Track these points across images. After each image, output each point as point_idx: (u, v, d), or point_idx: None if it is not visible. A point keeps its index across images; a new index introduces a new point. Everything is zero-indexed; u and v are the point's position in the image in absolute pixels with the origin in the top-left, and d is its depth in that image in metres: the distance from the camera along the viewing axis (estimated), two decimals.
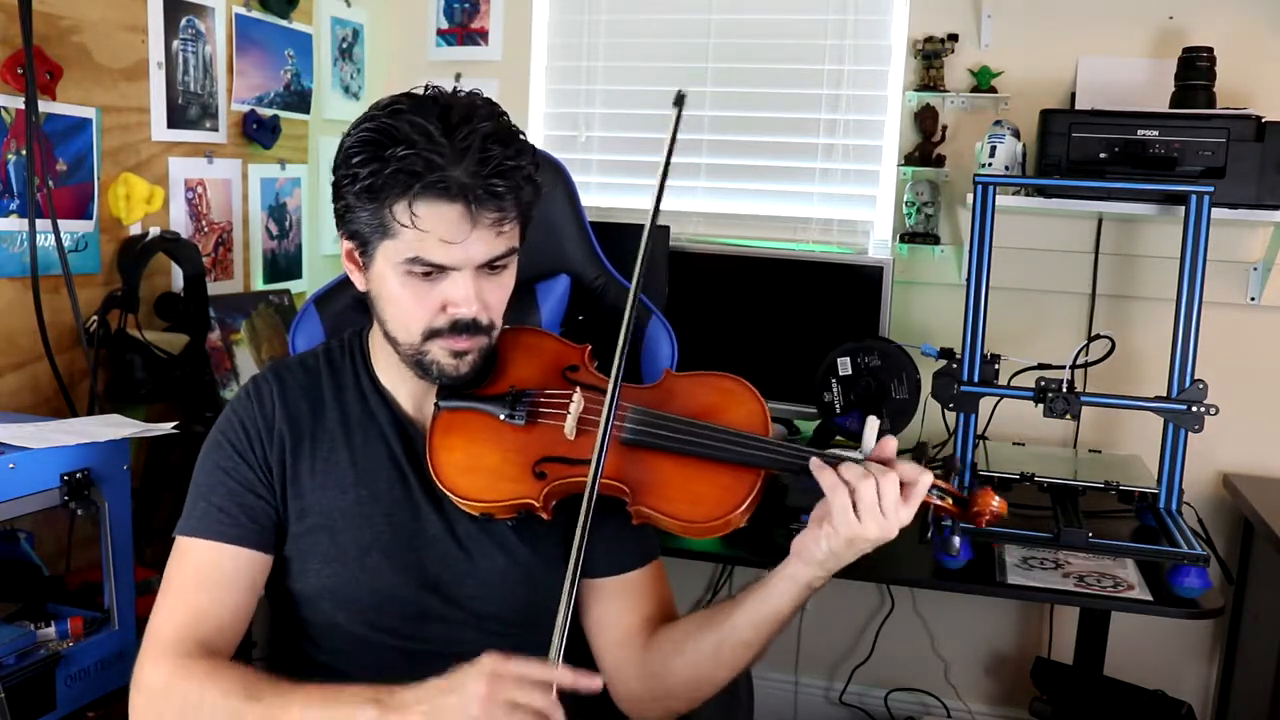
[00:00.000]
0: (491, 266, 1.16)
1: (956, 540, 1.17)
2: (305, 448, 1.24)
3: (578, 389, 1.22)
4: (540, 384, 1.26)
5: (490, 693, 0.95)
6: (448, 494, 1.20)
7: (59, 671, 1.48)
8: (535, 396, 1.24)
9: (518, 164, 1.13)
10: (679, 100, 1.22)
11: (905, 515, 1.09)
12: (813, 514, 1.15)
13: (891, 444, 1.13)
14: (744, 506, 1.16)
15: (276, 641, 1.31)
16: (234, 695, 1.06)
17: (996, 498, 1.15)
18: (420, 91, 1.16)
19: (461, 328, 1.16)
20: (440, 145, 1.09)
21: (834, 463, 1.12)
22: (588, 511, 1.10)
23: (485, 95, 1.18)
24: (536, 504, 1.18)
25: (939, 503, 1.15)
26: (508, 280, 1.21)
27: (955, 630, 2.70)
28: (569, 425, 1.20)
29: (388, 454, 1.25)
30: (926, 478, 1.10)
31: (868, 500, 1.08)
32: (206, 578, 1.18)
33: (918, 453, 1.19)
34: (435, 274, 1.14)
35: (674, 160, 1.22)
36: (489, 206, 1.11)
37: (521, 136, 1.16)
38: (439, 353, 1.18)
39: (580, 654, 1.30)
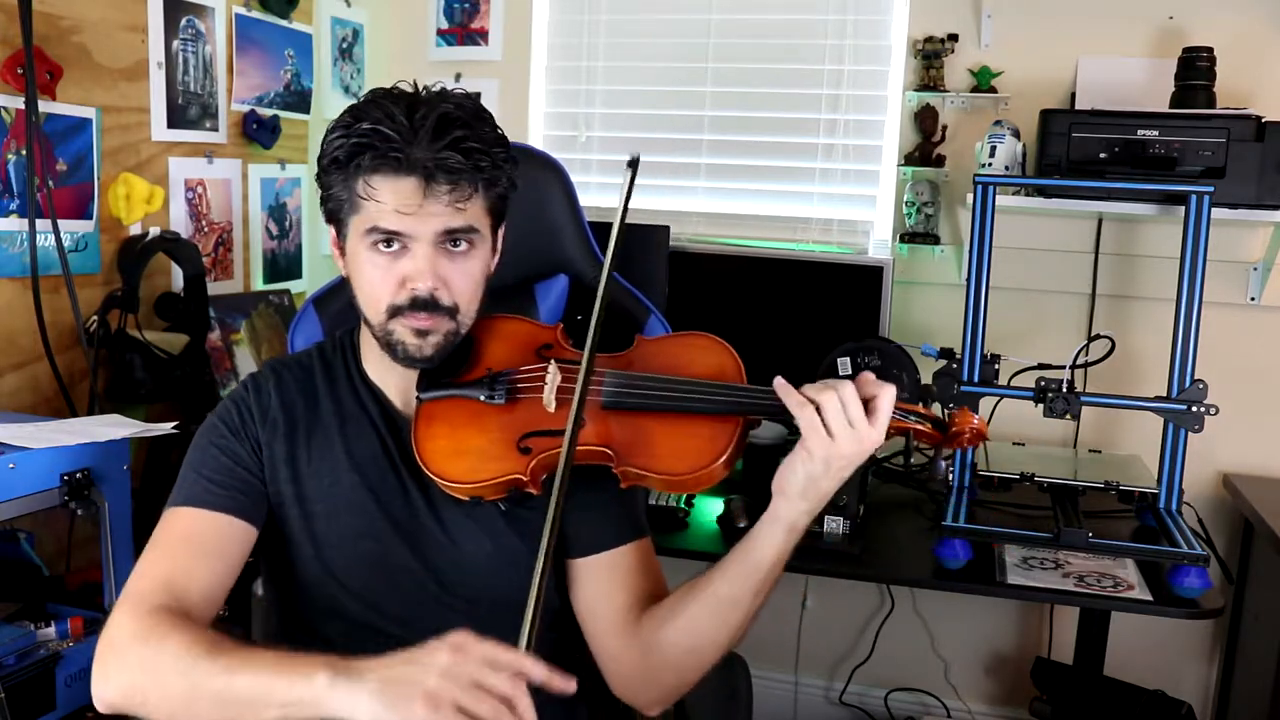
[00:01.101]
0: (452, 243, 1.19)
1: (943, 464, 1.17)
2: (300, 438, 1.27)
3: (552, 361, 1.25)
4: (517, 364, 1.28)
5: (451, 666, 0.93)
6: (437, 480, 1.22)
7: (59, 671, 1.49)
8: (512, 375, 1.26)
9: (479, 146, 1.16)
10: (633, 163, 1.25)
11: (876, 433, 1.10)
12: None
13: (869, 376, 1.14)
14: (726, 455, 1.18)
15: (282, 638, 1.31)
16: (196, 649, 1.04)
17: (976, 416, 1.16)
18: (404, 86, 1.21)
19: (420, 304, 1.18)
20: (400, 125, 1.14)
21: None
22: (566, 467, 1.09)
23: (466, 92, 1.21)
24: (525, 478, 1.20)
25: (918, 427, 1.16)
26: (472, 265, 1.22)
27: (955, 630, 2.70)
28: (547, 397, 1.22)
29: (379, 445, 1.28)
30: (890, 390, 1.11)
31: (832, 410, 1.09)
32: (189, 541, 1.20)
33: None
34: (396, 249, 1.17)
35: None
36: (441, 180, 1.15)
37: (497, 130, 1.20)
38: (403, 331, 1.20)
39: (575, 641, 1.30)
